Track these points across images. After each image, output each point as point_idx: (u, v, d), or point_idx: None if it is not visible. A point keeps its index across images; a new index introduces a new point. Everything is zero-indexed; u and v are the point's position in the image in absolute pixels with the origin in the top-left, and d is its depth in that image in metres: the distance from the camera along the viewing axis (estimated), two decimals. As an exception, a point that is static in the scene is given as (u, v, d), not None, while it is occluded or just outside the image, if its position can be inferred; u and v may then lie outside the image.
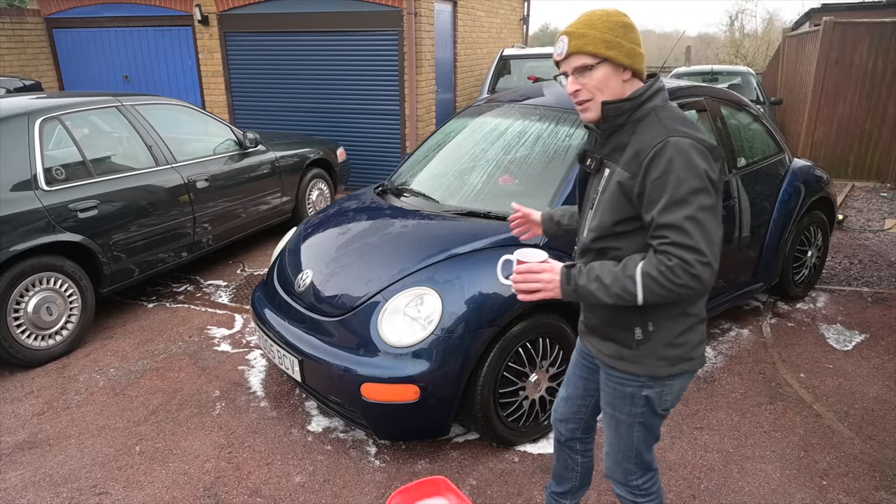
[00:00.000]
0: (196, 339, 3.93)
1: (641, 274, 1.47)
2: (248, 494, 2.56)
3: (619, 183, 1.53)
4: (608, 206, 1.57)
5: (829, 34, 7.69)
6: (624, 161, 1.53)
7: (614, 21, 1.51)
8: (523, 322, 2.64)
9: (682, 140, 1.45)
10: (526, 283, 1.58)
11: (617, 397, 1.72)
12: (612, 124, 1.57)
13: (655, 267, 1.46)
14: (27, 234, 3.47)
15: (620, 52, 1.51)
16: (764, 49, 20.97)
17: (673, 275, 1.43)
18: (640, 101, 1.54)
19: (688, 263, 1.42)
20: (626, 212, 1.54)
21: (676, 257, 1.43)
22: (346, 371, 2.55)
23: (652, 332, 1.60)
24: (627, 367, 1.65)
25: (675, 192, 1.43)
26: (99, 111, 4.21)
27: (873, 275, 4.81)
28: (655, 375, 1.63)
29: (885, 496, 2.50)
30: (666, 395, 1.67)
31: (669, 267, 1.44)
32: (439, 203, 3.24)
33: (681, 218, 1.43)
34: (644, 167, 1.47)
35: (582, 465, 2.08)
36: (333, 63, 7.51)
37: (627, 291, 1.49)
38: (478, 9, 9.75)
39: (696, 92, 3.57)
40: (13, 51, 8.17)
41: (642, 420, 1.71)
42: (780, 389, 3.27)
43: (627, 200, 1.53)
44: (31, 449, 2.87)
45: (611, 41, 1.50)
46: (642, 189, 1.49)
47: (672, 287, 1.45)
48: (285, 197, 5.63)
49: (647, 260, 1.49)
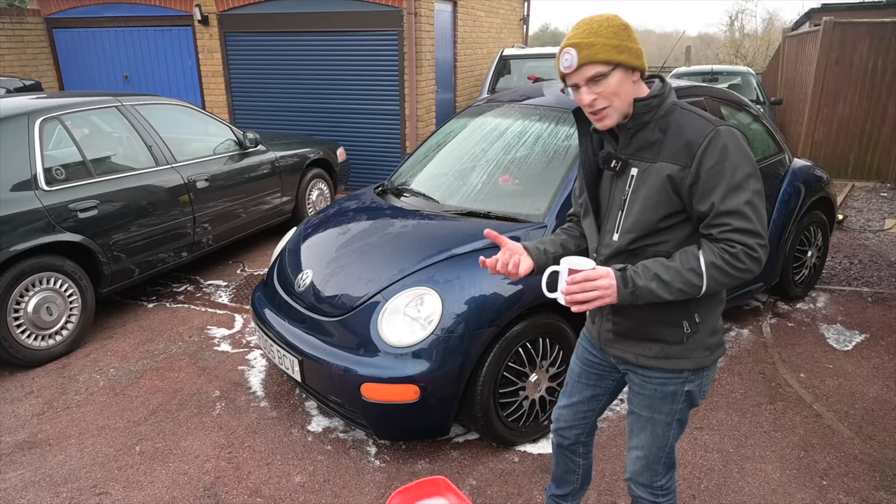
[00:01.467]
0: (196, 339, 3.93)
1: (706, 265, 1.46)
2: (248, 494, 2.56)
3: (670, 176, 1.51)
4: (652, 203, 1.54)
5: (829, 34, 7.69)
6: (670, 154, 1.52)
7: (616, 25, 1.51)
8: (523, 322, 2.64)
9: (730, 129, 1.49)
10: (583, 294, 1.51)
11: (657, 398, 1.69)
12: (638, 122, 1.56)
13: (719, 255, 1.46)
14: (27, 234, 3.47)
15: (630, 54, 1.51)
16: (764, 49, 20.98)
17: (737, 261, 1.45)
18: (664, 98, 1.55)
19: (751, 248, 1.44)
20: (673, 206, 1.53)
21: (740, 243, 1.45)
22: (346, 371, 2.55)
23: (699, 324, 1.61)
24: (674, 365, 1.64)
25: (732, 178, 1.45)
26: (99, 111, 4.21)
27: (873, 275, 4.81)
28: (701, 366, 1.64)
29: (885, 496, 2.50)
30: (704, 386, 1.70)
31: (733, 254, 1.45)
32: (439, 203, 3.24)
33: (741, 203, 1.44)
34: (698, 157, 1.47)
35: (583, 467, 2.08)
36: (333, 63, 7.51)
37: (691, 284, 1.48)
38: (478, 9, 9.75)
39: (696, 92, 3.57)
40: (13, 51, 8.17)
41: (680, 417, 1.71)
42: (780, 389, 3.27)
43: (676, 194, 1.52)
44: (31, 449, 2.87)
45: (619, 45, 1.50)
46: (696, 179, 1.48)
47: (736, 273, 1.46)
48: (285, 197, 5.63)
49: (705, 250, 1.48)
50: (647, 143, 1.56)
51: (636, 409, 1.76)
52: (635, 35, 1.53)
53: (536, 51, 8.99)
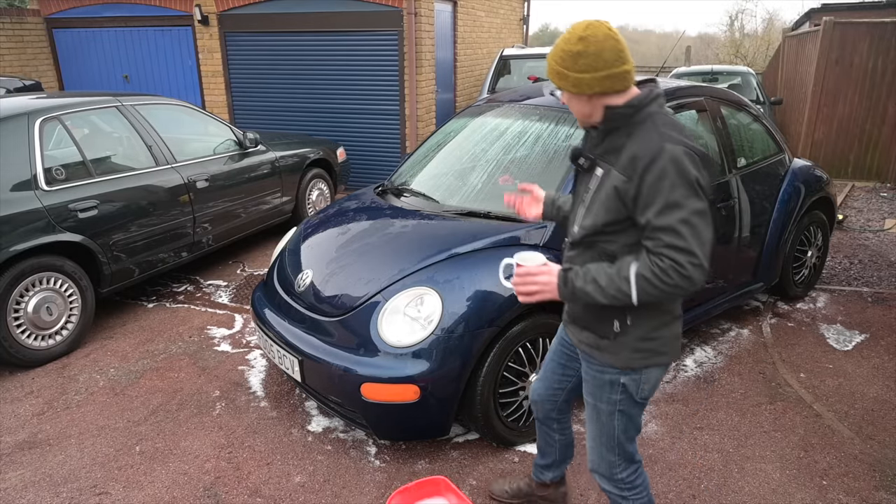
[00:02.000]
0: (196, 339, 3.93)
1: (636, 276, 1.53)
2: (248, 494, 2.56)
3: (616, 187, 1.57)
4: (602, 207, 1.62)
5: (829, 34, 7.69)
6: (620, 165, 1.57)
7: (565, 50, 1.55)
8: (523, 322, 2.64)
9: (676, 147, 1.51)
10: (525, 286, 1.66)
11: (596, 385, 1.79)
12: (609, 127, 1.62)
13: (649, 268, 1.52)
14: (27, 234, 3.47)
15: (566, 82, 1.58)
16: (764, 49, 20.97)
17: (666, 276, 1.50)
18: (639, 108, 1.59)
19: (680, 265, 1.49)
20: (619, 213, 1.60)
21: (669, 259, 1.49)
22: (346, 371, 2.55)
23: (629, 327, 1.67)
24: (603, 358, 1.74)
25: (669, 196, 1.49)
26: (99, 111, 4.21)
27: (873, 275, 4.81)
28: (629, 367, 1.71)
29: (885, 496, 2.50)
30: (643, 384, 1.74)
31: (663, 269, 1.50)
32: (439, 203, 3.24)
33: (675, 220, 1.48)
34: (640, 172, 1.52)
35: (559, 442, 2.22)
36: (333, 63, 7.51)
37: (622, 292, 1.55)
38: (478, 9, 9.75)
39: (696, 92, 3.57)
40: (13, 51, 8.17)
41: (622, 408, 1.77)
42: (780, 389, 3.27)
43: (622, 203, 1.58)
44: (31, 449, 2.87)
45: (559, 72, 1.58)
46: (637, 192, 1.53)
47: (664, 287, 1.51)
48: (285, 197, 5.63)
49: (640, 262, 1.54)
50: (614, 148, 1.61)
51: (585, 396, 1.87)
52: (587, 62, 1.53)
53: (536, 51, 8.99)
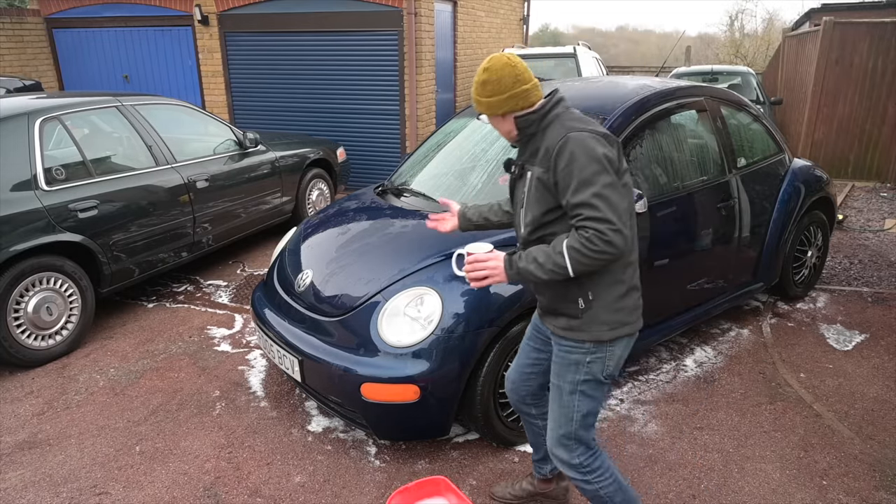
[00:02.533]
0: (196, 339, 3.93)
1: (567, 248, 1.72)
2: (248, 494, 2.56)
3: (539, 178, 1.80)
4: (535, 202, 1.84)
5: (829, 34, 7.69)
6: (538, 160, 1.81)
7: (477, 82, 1.84)
8: (523, 322, 2.64)
9: (579, 134, 1.74)
10: (475, 272, 1.86)
11: (563, 365, 1.92)
12: (525, 134, 1.86)
13: (577, 240, 1.71)
14: (27, 234, 3.47)
15: (480, 106, 1.87)
16: (764, 49, 20.96)
17: (591, 244, 1.68)
18: (544, 113, 1.83)
19: (601, 233, 1.67)
20: (550, 202, 1.80)
21: (591, 229, 1.68)
22: (346, 371, 2.55)
23: (592, 301, 1.84)
24: (576, 336, 1.87)
25: (580, 175, 1.70)
26: (99, 111, 4.21)
27: (873, 275, 4.81)
28: (600, 339, 1.85)
29: (885, 496, 2.50)
30: (608, 360, 1.88)
31: (587, 238, 1.69)
32: (439, 203, 3.23)
33: (589, 195, 1.69)
34: (553, 160, 1.75)
35: (545, 429, 2.24)
36: (333, 63, 7.51)
37: (558, 265, 1.74)
38: (478, 9, 9.75)
39: (696, 92, 3.57)
40: (13, 51, 8.17)
41: (584, 388, 1.90)
42: (780, 389, 3.27)
43: (548, 192, 1.80)
44: (31, 449, 2.87)
45: (476, 100, 1.87)
46: (555, 179, 1.76)
47: (592, 255, 1.69)
48: (285, 197, 5.63)
49: (570, 237, 1.73)
50: (535, 150, 1.84)
51: (552, 378, 1.98)
52: (492, 87, 1.81)
53: (536, 51, 8.99)
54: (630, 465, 2.70)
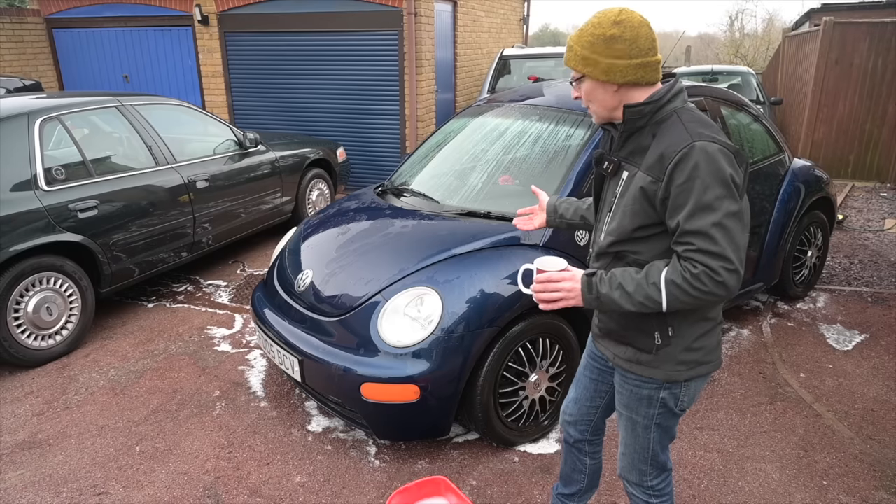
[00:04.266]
0: (196, 339, 3.93)
1: (666, 282, 1.45)
2: (248, 494, 2.56)
3: (642, 188, 1.49)
4: (629, 211, 1.53)
5: (829, 34, 7.69)
6: (646, 165, 1.49)
7: (597, 35, 1.47)
8: (523, 322, 2.64)
9: (708, 145, 1.42)
10: (546, 293, 1.56)
11: (633, 399, 1.70)
12: (631, 127, 1.54)
13: (680, 274, 1.43)
14: (27, 234, 3.47)
15: (595, 69, 1.49)
16: (764, 49, 20.96)
17: (699, 282, 1.41)
18: (660, 105, 1.51)
19: (714, 271, 1.40)
20: (649, 217, 1.51)
21: (702, 265, 1.41)
22: (346, 371, 2.55)
23: (671, 338, 1.58)
24: (644, 372, 1.64)
25: (700, 197, 1.40)
26: (99, 111, 4.21)
27: (873, 275, 4.80)
28: (673, 380, 1.62)
29: (885, 496, 2.50)
30: (683, 396, 1.66)
31: (695, 275, 1.41)
32: (439, 203, 3.24)
33: (707, 224, 1.40)
34: (669, 172, 1.44)
35: (590, 467, 2.07)
36: (333, 63, 7.51)
37: (651, 299, 1.47)
38: (478, 9, 9.75)
39: (696, 92, 3.57)
40: (13, 51, 8.17)
41: (659, 422, 1.70)
42: (780, 389, 3.27)
43: (650, 205, 1.49)
44: (31, 449, 2.87)
45: (587, 58, 1.49)
46: (667, 194, 1.45)
47: (697, 294, 1.42)
48: (285, 197, 5.63)
49: (671, 266, 1.46)
50: (640, 148, 1.54)
51: (619, 408, 1.78)
52: (622, 47, 1.46)
53: (536, 51, 8.99)
54: (630, 465, 2.70)
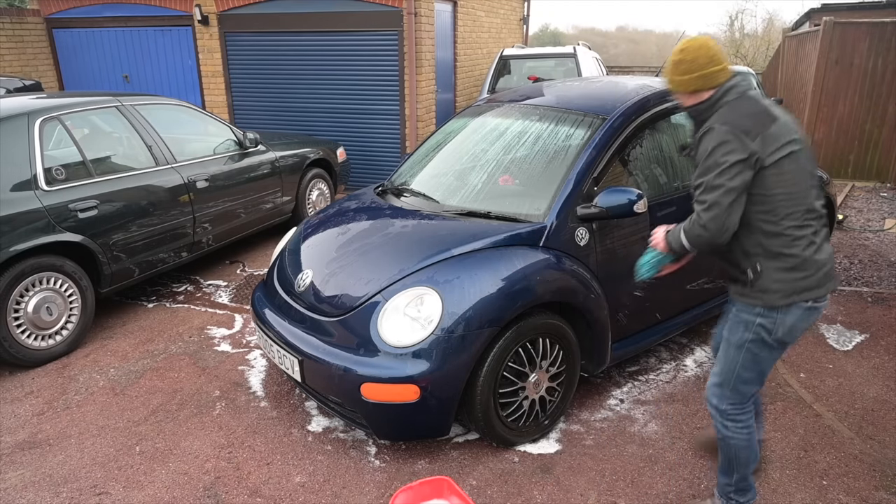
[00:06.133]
0: (196, 339, 3.93)
1: (683, 225, 2.10)
2: (248, 494, 2.56)
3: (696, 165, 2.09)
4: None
5: (829, 34, 7.69)
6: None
7: (671, 61, 2.12)
8: (523, 322, 2.64)
9: (721, 126, 1.98)
10: (654, 239, 2.24)
11: (735, 323, 2.14)
12: (697, 120, 2.14)
13: (688, 220, 2.06)
14: (27, 234, 3.47)
15: (671, 84, 2.15)
16: (764, 49, 20.95)
17: (690, 224, 2.05)
18: (712, 103, 2.08)
19: (697, 215, 2.01)
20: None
21: (694, 211, 2.03)
22: (346, 371, 2.55)
23: (760, 272, 2.04)
24: (748, 300, 2.09)
25: (703, 162, 2.00)
26: (99, 111, 4.21)
27: (873, 275, 4.81)
28: (771, 305, 2.04)
29: (885, 496, 2.50)
30: (778, 325, 2.05)
31: (691, 219, 2.04)
32: (439, 203, 3.23)
33: (700, 182, 2.01)
34: (696, 145, 2.08)
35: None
36: (333, 63, 7.51)
37: (679, 241, 2.11)
38: (478, 9, 9.75)
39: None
40: (13, 51, 8.17)
41: (750, 347, 2.10)
42: (780, 389, 3.27)
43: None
44: (31, 449, 2.87)
45: (669, 79, 2.15)
46: (696, 162, 2.06)
47: (693, 233, 2.04)
48: (285, 197, 5.63)
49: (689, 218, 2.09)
50: (699, 135, 2.09)
51: (725, 334, 2.19)
52: (686, 66, 2.07)
53: (536, 51, 8.99)
54: (630, 464, 2.70)
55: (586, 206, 2.87)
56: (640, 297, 3.16)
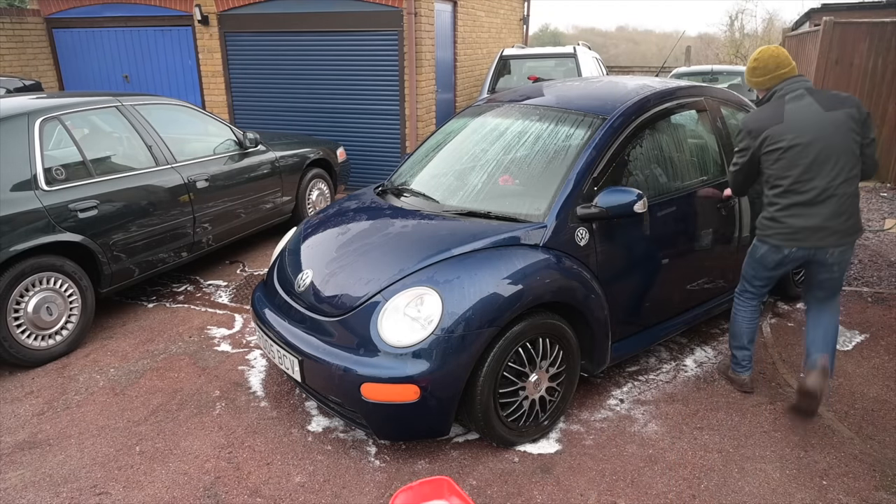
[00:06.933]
0: (196, 339, 3.93)
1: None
2: (248, 494, 2.56)
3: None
4: None
5: (829, 34, 7.69)
6: None
7: (749, 68, 2.91)
8: (523, 322, 2.64)
9: (747, 117, 2.88)
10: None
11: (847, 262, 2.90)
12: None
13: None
14: (27, 234, 3.47)
15: (751, 83, 2.91)
16: (764, 49, 20.92)
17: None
18: (768, 98, 2.85)
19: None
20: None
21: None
22: (346, 371, 2.55)
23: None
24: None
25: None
26: (99, 111, 4.21)
27: (873, 275, 4.80)
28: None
29: (885, 496, 2.50)
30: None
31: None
32: (439, 203, 3.23)
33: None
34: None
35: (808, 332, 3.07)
36: (333, 63, 7.51)
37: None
38: (478, 9, 9.75)
39: (696, 92, 3.57)
40: (13, 51, 8.17)
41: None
42: (780, 389, 3.27)
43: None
44: (31, 449, 2.87)
45: (748, 79, 2.93)
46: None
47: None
48: (285, 197, 5.63)
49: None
50: None
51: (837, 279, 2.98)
52: (760, 69, 2.84)
53: (536, 51, 8.99)
54: (630, 464, 2.70)
55: (586, 206, 2.87)
56: (640, 297, 3.16)
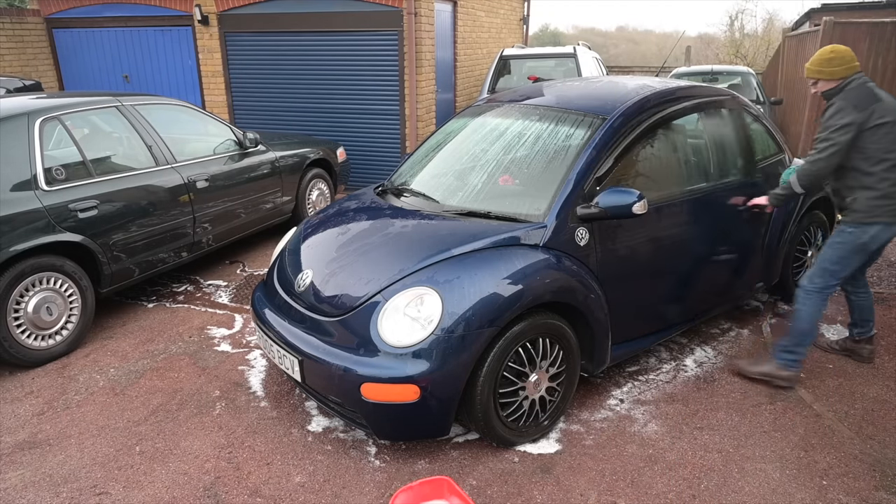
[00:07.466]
0: (196, 339, 3.93)
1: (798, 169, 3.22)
2: (248, 494, 2.56)
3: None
4: None
5: (829, 34, 7.68)
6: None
7: (822, 58, 3.05)
8: (523, 322, 2.64)
9: (840, 102, 3.01)
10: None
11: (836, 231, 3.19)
12: (828, 98, 3.09)
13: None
14: (27, 234, 3.47)
15: (821, 75, 3.07)
16: (764, 49, 20.95)
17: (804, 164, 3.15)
18: (840, 89, 3.04)
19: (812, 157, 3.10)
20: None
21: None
22: (346, 371, 2.55)
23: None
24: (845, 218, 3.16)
25: (824, 124, 3.04)
26: (99, 111, 4.21)
27: (873, 275, 4.80)
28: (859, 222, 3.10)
29: (885, 496, 2.50)
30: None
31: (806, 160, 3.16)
32: (439, 203, 3.23)
33: (818, 136, 3.06)
34: (822, 113, 3.10)
35: (853, 304, 3.51)
36: (333, 63, 7.52)
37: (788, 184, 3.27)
38: (478, 9, 9.75)
39: (695, 92, 3.57)
40: (13, 51, 8.17)
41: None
42: (781, 389, 3.26)
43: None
44: (31, 449, 2.87)
45: (819, 70, 3.06)
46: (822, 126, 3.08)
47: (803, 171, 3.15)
48: (285, 197, 5.63)
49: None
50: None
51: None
52: (836, 59, 3.02)
53: (536, 51, 8.99)
54: (630, 464, 2.70)
55: (586, 207, 2.87)
56: (640, 297, 3.16)
